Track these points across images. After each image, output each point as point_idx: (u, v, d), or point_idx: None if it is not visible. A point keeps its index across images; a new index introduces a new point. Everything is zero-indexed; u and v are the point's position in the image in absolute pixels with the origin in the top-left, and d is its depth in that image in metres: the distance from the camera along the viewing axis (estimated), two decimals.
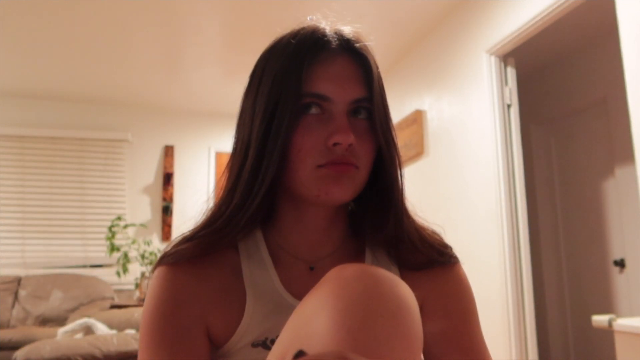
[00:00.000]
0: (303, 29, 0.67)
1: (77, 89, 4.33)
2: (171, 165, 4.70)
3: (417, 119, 3.42)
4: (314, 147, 0.63)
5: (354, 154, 0.63)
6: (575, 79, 3.59)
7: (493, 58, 2.76)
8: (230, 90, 4.21)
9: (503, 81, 2.76)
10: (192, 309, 0.64)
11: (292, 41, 0.65)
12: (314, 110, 0.64)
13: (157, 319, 0.64)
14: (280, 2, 2.87)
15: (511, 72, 2.78)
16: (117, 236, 4.20)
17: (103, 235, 4.25)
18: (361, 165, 0.64)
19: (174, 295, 0.65)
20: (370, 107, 0.65)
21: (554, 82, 3.77)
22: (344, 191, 0.64)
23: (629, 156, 2.93)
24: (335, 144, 0.62)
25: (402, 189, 0.70)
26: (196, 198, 0.72)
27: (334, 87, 0.63)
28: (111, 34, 3.35)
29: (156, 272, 0.67)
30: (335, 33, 0.67)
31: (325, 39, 0.65)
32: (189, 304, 0.65)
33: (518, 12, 2.51)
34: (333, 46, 0.65)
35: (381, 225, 0.69)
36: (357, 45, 0.66)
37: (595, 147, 3.48)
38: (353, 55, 0.66)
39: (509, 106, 2.74)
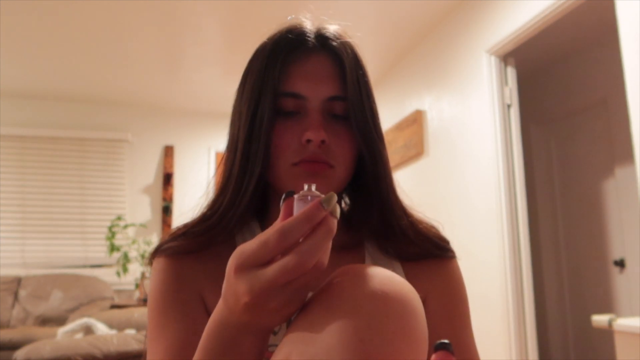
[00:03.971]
0: (282, 26, 0.69)
1: (77, 89, 4.33)
2: (171, 165, 4.70)
3: (417, 119, 3.42)
4: (290, 145, 0.64)
5: (329, 152, 0.64)
6: (575, 79, 3.59)
7: (493, 58, 2.76)
8: (230, 90, 4.18)
9: (503, 81, 2.76)
10: (194, 285, 0.67)
11: (271, 40, 0.67)
12: (290, 109, 0.65)
13: (162, 298, 0.66)
14: (280, 2, 2.87)
15: (511, 72, 2.78)
16: (117, 236, 4.20)
17: (103, 235, 4.25)
18: (337, 164, 0.65)
19: (176, 273, 0.67)
20: (347, 106, 0.65)
21: (554, 82, 3.77)
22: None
23: (629, 156, 2.93)
24: (308, 141, 0.63)
25: (390, 186, 0.70)
26: (196, 198, 0.73)
27: (308, 85, 0.64)
28: (111, 34, 3.35)
29: (155, 262, 0.70)
30: (315, 30, 0.68)
31: (301, 37, 0.66)
32: (189, 282, 0.67)
33: (518, 12, 2.51)
34: (308, 44, 0.66)
35: (366, 219, 0.71)
36: (334, 42, 0.67)
37: (595, 147, 3.48)
38: (329, 53, 0.67)
39: (509, 106, 2.74)
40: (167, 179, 4.66)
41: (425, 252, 0.71)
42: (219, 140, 4.83)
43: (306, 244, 0.43)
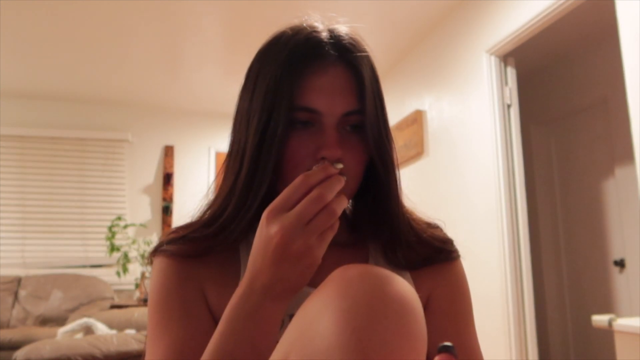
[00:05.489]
0: (298, 32, 0.66)
1: (77, 89, 4.33)
2: (171, 165, 4.70)
3: (417, 119, 3.42)
4: (303, 160, 0.63)
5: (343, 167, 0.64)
6: (575, 79, 3.59)
7: (493, 58, 2.76)
8: (230, 90, 4.21)
9: (503, 81, 2.76)
10: (195, 284, 0.67)
11: (286, 47, 0.64)
12: (303, 120, 0.63)
13: (164, 296, 0.66)
14: (281, 2, 2.87)
15: (511, 72, 2.78)
16: (117, 236, 4.20)
17: (103, 235, 4.25)
18: (350, 177, 0.64)
19: (177, 272, 0.67)
20: (362, 119, 0.64)
21: (554, 82, 3.77)
22: None
23: (629, 156, 2.93)
24: (322, 158, 0.62)
25: (398, 197, 0.69)
26: (197, 199, 0.72)
27: (324, 100, 0.62)
28: (111, 33, 3.35)
29: (156, 261, 0.69)
30: (331, 38, 0.65)
31: (320, 48, 0.64)
32: (191, 280, 0.67)
33: (518, 12, 2.51)
34: (327, 56, 0.64)
35: (378, 234, 0.71)
36: (352, 54, 0.65)
37: (595, 147, 3.48)
38: (347, 65, 0.64)
39: (509, 106, 2.74)
40: (167, 179, 4.66)
41: (429, 258, 0.71)
42: (219, 140, 4.83)
43: (324, 183, 0.54)
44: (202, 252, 0.67)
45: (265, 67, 0.65)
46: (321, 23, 0.68)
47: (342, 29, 0.67)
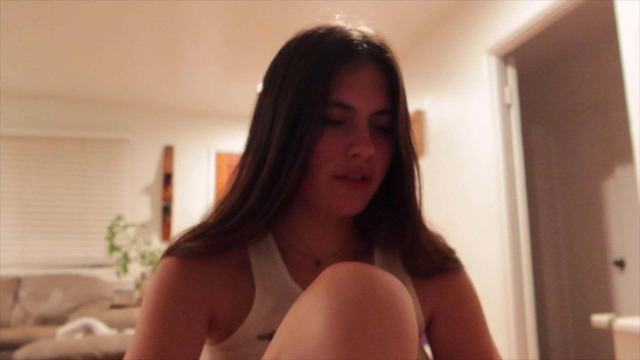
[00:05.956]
0: (331, 31, 0.65)
1: (77, 89, 4.33)
2: (171, 166, 4.70)
3: (417, 119, 3.42)
4: (334, 156, 0.62)
5: (371, 165, 0.64)
6: (575, 79, 3.59)
7: (493, 58, 2.75)
8: (230, 90, 4.21)
9: (503, 81, 2.76)
10: (200, 290, 0.65)
11: (321, 44, 0.64)
12: (335, 118, 0.63)
13: (164, 291, 0.63)
14: (281, 2, 2.87)
15: (511, 72, 2.78)
16: (117, 236, 4.20)
17: (103, 235, 4.25)
18: (375, 178, 0.64)
19: (182, 275, 0.65)
20: (394, 119, 0.65)
21: (554, 82, 3.77)
22: (355, 207, 0.65)
23: (629, 156, 2.93)
24: (355, 155, 0.62)
25: (417, 202, 0.69)
26: (196, 198, 0.72)
27: (358, 96, 0.63)
28: (111, 34, 3.35)
29: (164, 261, 0.67)
30: (364, 38, 0.65)
31: (355, 46, 0.64)
32: (197, 285, 0.65)
33: (518, 12, 2.51)
34: (362, 54, 0.64)
35: (399, 239, 0.70)
36: (385, 54, 0.66)
37: (595, 147, 3.47)
38: (380, 65, 0.65)
39: (509, 106, 2.74)
40: (167, 179, 4.66)
41: (438, 267, 0.71)
42: (219, 140, 4.82)
43: None
44: (219, 248, 0.66)
45: (297, 63, 0.64)
46: (346, 24, 0.68)
47: (370, 30, 0.68)
